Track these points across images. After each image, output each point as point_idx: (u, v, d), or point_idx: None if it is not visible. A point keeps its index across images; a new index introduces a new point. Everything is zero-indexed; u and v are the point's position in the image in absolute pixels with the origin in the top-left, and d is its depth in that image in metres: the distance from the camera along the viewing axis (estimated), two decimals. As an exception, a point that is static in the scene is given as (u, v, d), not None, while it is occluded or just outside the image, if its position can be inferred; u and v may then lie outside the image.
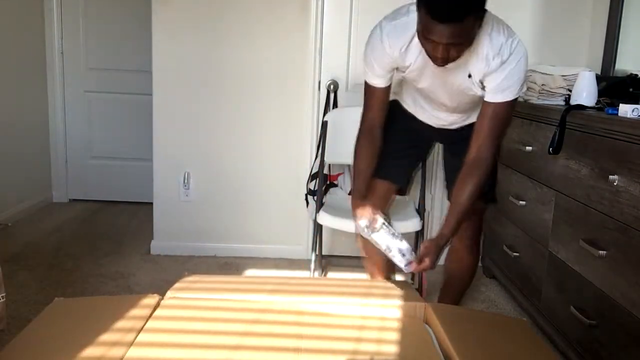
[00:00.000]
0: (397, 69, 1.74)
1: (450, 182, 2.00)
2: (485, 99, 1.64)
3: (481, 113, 1.66)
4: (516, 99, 1.64)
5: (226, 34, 2.90)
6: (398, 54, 1.68)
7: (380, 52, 1.69)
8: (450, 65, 1.55)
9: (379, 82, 1.77)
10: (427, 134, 1.99)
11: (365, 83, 1.81)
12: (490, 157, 1.67)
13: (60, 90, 3.97)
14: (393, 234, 1.65)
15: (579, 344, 1.88)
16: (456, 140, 1.92)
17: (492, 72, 1.59)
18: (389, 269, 2.09)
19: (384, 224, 1.67)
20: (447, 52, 1.48)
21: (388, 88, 1.81)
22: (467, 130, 1.78)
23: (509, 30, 1.61)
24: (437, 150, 2.97)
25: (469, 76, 1.64)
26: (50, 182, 4.05)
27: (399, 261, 1.61)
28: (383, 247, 1.64)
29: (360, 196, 1.82)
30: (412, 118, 1.96)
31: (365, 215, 1.69)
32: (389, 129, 1.98)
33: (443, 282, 2.17)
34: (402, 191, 2.10)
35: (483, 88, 1.65)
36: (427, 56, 1.56)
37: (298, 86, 2.95)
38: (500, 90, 1.61)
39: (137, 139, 3.98)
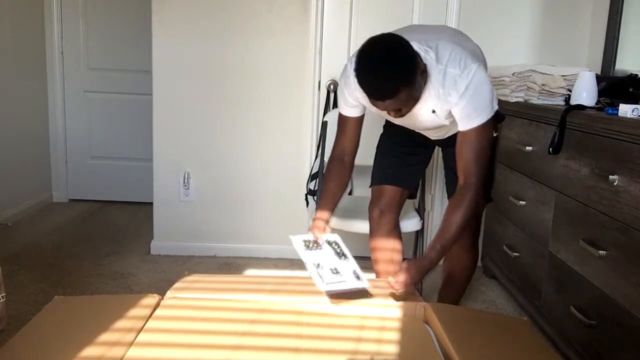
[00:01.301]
0: None
1: (448, 182, 2.04)
2: (459, 129, 1.67)
3: (457, 142, 1.68)
4: (489, 122, 1.65)
5: (226, 34, 2.90)
6: (362, 94, 1.71)
7: (351, 86, 1.74)
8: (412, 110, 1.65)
9: (351, 112, 1.82)
10: (428, 141, 2.03)
11: (339, 114, 1.87)
12: (477, 183, 1.66)
13: (60, 90, 3.97)
14: (338, 254, 1.65)
15: (579, 344, 1.88)
16: (452, 143, 1.93)
17: (454, 105, 1.63)
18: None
19: (329, 243, 1.69)
20: (396, 112, 1.59)
21: (360, 118, 1.84)
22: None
23: (468, 59, 1.62)
24: (437, 151, 2.97)
25: (433, 111, 1.69)
26: (50, 182, 4.05)
27: (323, 278, 1.52)
28: (312, 263, 1.58)
29: (322, 217, 1.80)
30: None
31: (316, 233, 1.72)
32: (393, 134, 2.03)
33: (442, 282, 2.17)
34: (413, 195, 2.18)
35: (452, 116, 1.70)
36: None
37: (298, 86, 2.95)
38: (466, 119, 1.63)
39: (137, 139, 3.98)
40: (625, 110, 1.73)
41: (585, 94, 2.11)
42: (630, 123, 1.64)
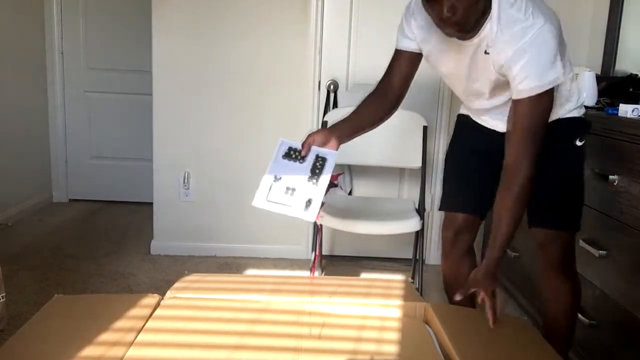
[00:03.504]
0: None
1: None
2: (512, 96, 1.46)
3: (509, 114, 1.49)
4: (549, 92, 1.41)
5: (226, 34, 2.90)
6: (418, 25, 1.58)
7: (408, 18, 1.60)
8: (466, 42, 1.46)
9: (405, 44, 1.62)
10: (497, 147, 1.67)
11: (394, 50, 1.68)
12: (528, 165, 1.43)
13: (60, 90, 3.98)
14: (313, 174, 1.48)
15: (579, 344, 1.88)
16: None
17: (509, 60, 1.40)
18: (471, 299, 1.82)
19: (317, 158, 1.50)
20: (452, 11, 1.33)
21: (414, 56, 1.62)
22: None
23: (537, 11, 1.41)
24: (437, 149, 2.97)
25: (486, 52, 1.46)
26: (50, 182, 4.05)
27: (269, 193, 1.45)
28: (274, 174, 1.48)
29: (329, 131, 1.60)
30: (479, 129, 1.75)
31: (314, 140, 1.54)
32: (460, 152, 1.83)
33: (542, 323, 1.84)
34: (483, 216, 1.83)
35: (502, 75, 1.47)
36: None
37: (298, 86, 2.95)
38: (521, 82, 1.41)
39: (137, 139, 3.98)
40: (625, 110, 1.73)
41: (585, 94, 2.11)
42: (630, 123, 1.64)
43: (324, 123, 2.62)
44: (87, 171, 4.09)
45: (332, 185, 2.90)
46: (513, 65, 1.40)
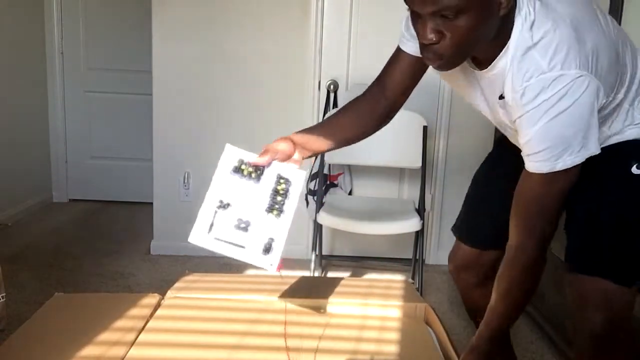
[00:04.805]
0: None
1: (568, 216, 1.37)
2: (525, 165, 1.13)
3: (518, 183, 1.16)
4: (563, 173, 1.06)
5: (226, 34, 2.90)
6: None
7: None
8: (479, 72, 1.15)
9: (406, 46, 1.26)
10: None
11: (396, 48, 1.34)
12: (533, 248, 1.15)
13: (60, 90, 3.97)
14: (274, 202, 1.09)
15: (579, 344, 1.88)
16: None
17: (519, 121, 1.07)
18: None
19: (279, 179, 1.11)
20: (436, 33, 1.00)
21: (416, 60, 1.23)
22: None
23: (571, 58, 1.01)
24: (437, 149, 2.97)
25: (501, 97, 1.12)
26: (50, 182, 4.04)
27: (212, 227, 1.05)
28: (219, 199, 1.06)
29: (293, 139, 1.27)
30: (513, 152, 1.29)
31: (276, 152, 1.18)
32: (487, 176, 1.54)
33: None
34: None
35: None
36: None
37: (298, 86, 2.95)
38: (532, 153, 1.07)
39: (137, 139, 3.97)
40: (626, 110, 1.72)
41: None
42: (631, 123, 1.63)
43: (324, 123, 2.62)
44: (87, 171, 4.08)
45: (332, 185, 2.90)
46: (522, 130, 1.07)
